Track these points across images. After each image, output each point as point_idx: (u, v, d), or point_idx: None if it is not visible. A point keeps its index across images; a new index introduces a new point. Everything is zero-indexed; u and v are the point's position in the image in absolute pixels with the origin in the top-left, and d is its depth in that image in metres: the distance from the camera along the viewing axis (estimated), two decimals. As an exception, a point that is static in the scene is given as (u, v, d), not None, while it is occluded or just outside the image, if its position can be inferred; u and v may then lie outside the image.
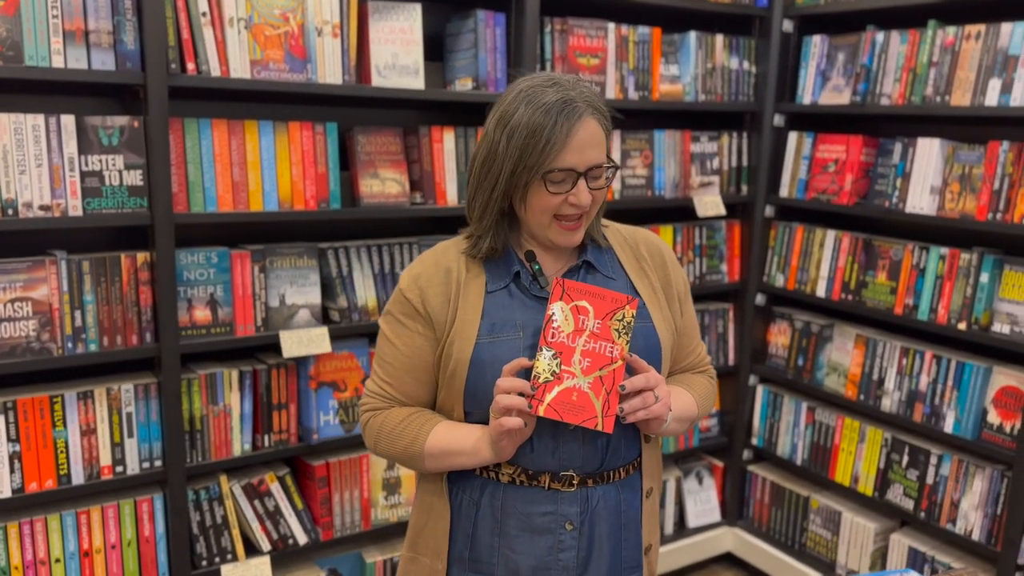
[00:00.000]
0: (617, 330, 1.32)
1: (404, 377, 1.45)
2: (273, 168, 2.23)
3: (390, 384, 1.46)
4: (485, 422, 1.39)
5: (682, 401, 1.48)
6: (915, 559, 2.69)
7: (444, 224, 2.61)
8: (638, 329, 1.41)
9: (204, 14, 2.05)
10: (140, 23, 1.97)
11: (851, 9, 2.77)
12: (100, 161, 2.00)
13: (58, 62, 1.92)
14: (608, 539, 1.43)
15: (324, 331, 2.31)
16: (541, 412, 1.29)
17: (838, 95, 2.86)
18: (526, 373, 1.32)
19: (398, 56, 2.34)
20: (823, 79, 2.91)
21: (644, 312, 1.45)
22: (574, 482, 1.39)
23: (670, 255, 1.56)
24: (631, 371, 1.35)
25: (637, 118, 3.00)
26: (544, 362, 1.30)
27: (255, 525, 2.33)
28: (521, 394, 1.29)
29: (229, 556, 2.29)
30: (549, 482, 1.39)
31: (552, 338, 1.31)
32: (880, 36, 2.72)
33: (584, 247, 1.47)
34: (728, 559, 3.31)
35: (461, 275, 1.43)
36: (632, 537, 1.47)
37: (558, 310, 1.32)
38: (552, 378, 1.30)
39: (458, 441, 1.39)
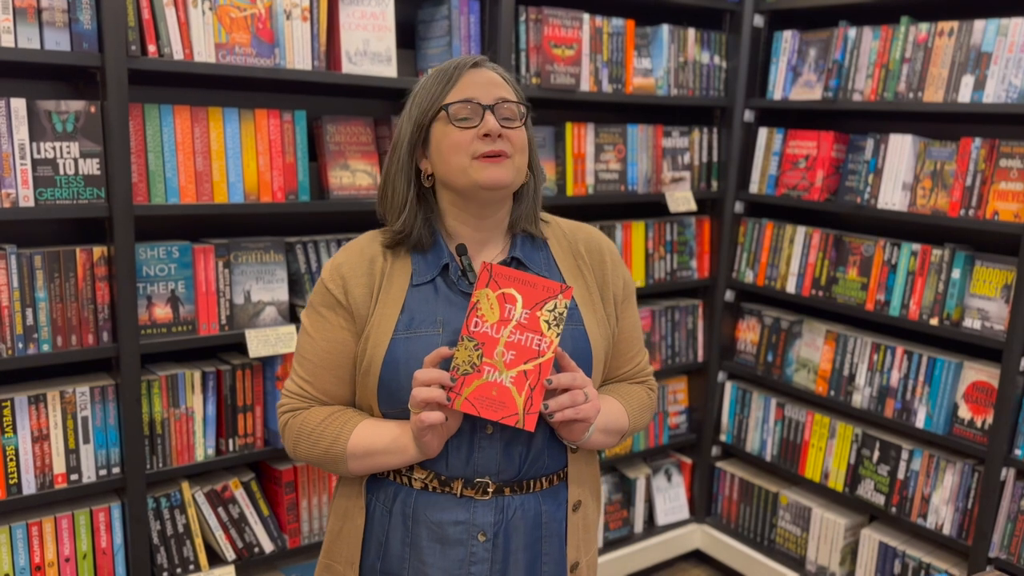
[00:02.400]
0: (547, 321, 1.23)
1: (324, 375, 1.36)
2: (239, 158, 2.12)
3: (309, 383, 1.37)
4: (405, 421, 1.30)
5: (611, 411, 1.38)
6: (885, 554, 2.70)
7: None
8: (566, 331, 1.32)
9: (166, -7, 1.94)
10: (97, 1, 1.85)
11: (823, 5, 2.76)
12: (53, 149, 1.87)
13: (7, 41, 1.78)
14: (525, 552, 1.34)
15: (292, 329, 2.20)
16: (457, 406, 1.21)
17: (809, 91, 2.85)
18: (447, 364, 1.24)
19: (369, 42, 2.25)
20: (794, 75, 2.91)
21: (575, 313, 1.36)
22: (489, 490, 1.31)
23: (612, 254, 1.47)
24: (559, 369, 1.27)
25: (610, 112, 2.96)
26: (464, 353, 1.22)
27: (219, 533, 2.22)
28: (442, 386, 1.21)
29: (192, 567, 2.17)
30: (462, 489, 1.31)
31: (475, 327, 1.23)
32: (852, 32, 2.71)
33: (514, 240, 1.39)
34: (697, 556, 3.30)
35: (386, 266, 1.35)
36: (554, 552, 1.37)
37: (483, 297, 1.23)
38: (472, 370, 1.22)
39: (381, 439, 1.30)
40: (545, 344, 1.23)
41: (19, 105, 1.82)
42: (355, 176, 2.31)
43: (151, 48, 1.94)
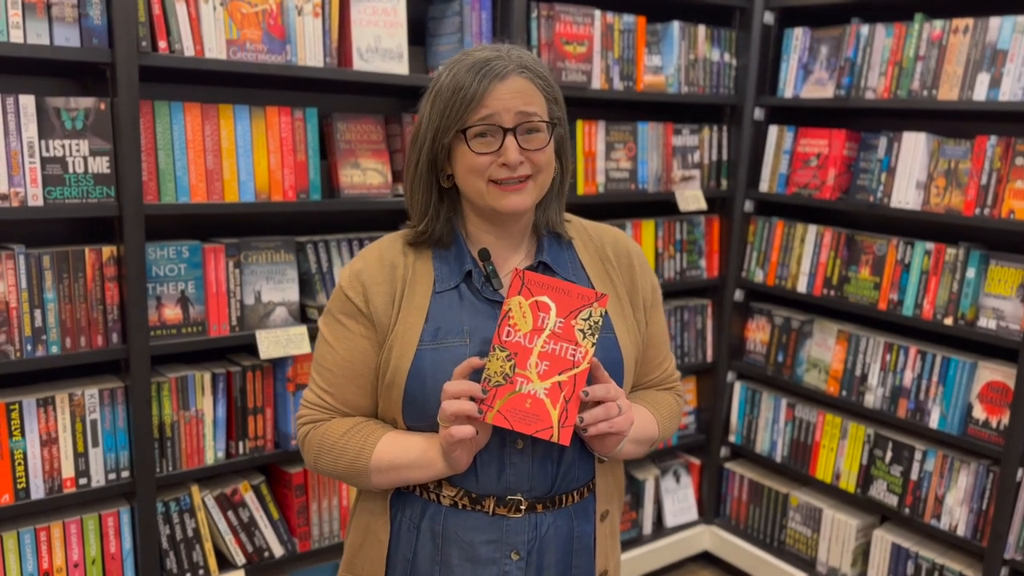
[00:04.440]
0: (582, 330, 1.18)
1: (345, 384, 1.31)
2: (249, 156, 2.08)
3: (329, 393, 1.32)
4: (431, 433, 1.26)
5: (642, 420, 1.34)
6: (898, 555, 2.68)
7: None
8: (598, 339, 1.25)
9: (177, -12, 1.90)
10: (108, -4, 1.81)
11: (834, 2, 2.74)
12: (63, 146, 1.83)
13: (17, 37, 1.74)
14: (557, 567, 1.30)
15: (303, 330, 2.17)
16: (490, 419, 1.16)
17: (821, 88, 2.83)
18: (478, 375, 1.19)
19: (381, 39, 2.21)
20: (805, 72, 2.88)
21: (606, 321, 1.31)
22: (521, 507, 1.26)
23: (640, 258, 1.43)
24: (592, 379, 1.22)
25: (621, 109, 2.93)
26: (496, 363, 1.17)
27: (229, 537, 2.19)
28: (472, 398, 1.16)
29: (201, 571, 2.14)
30: (494, 507, 1.26)
31: (507, 337, 1.17)
32: (865, 29, 2.69)
33: (540, 244, 1.34)
34: (706, 558, 3.27)
35: (408, 272, 1.30)
36: (584, 564, 1.34)
37: (515, 306, 1.18)
38: (504, 382, 1.17)
39: (408, 453, 1.25)
40: (580, 354, 1.18)
41: (28, 102, 1.78)
42: (366, 175, 2.27)
43: (161, 44, 1.90)
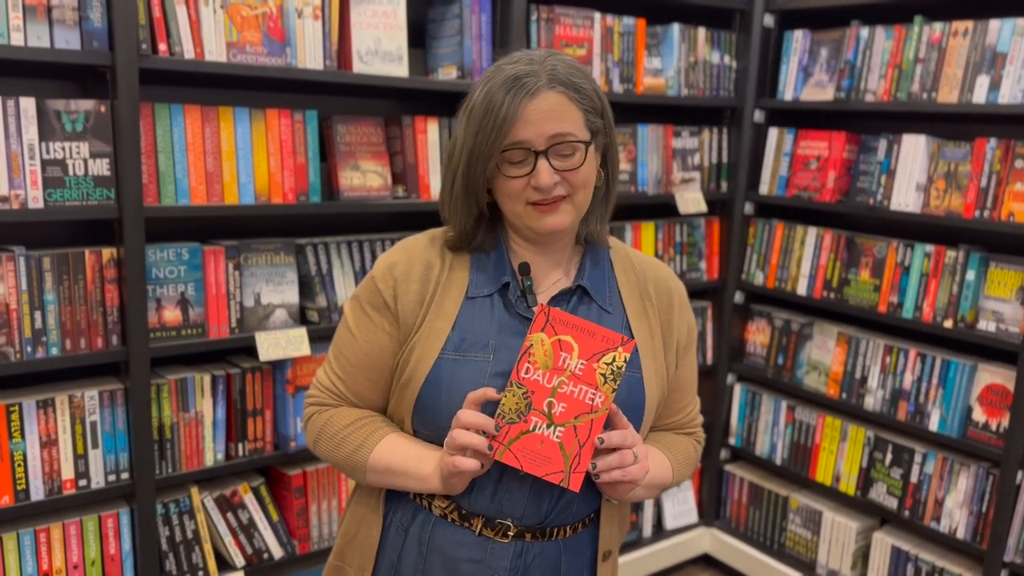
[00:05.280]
0: (603, 375, 1.14)
1: (358, 376, 1.30)
2: (249, 158, 2.09)
3: (342, 380, 1.31)
4: (433, 442, 1.25)
5: (656, 465, 1.30)
6: (898, 557, 2.68)
7: (428, 219, 2.45)
8: (624, 378, 1.22)
9: (177, -9, 1.91)
10: (108, -1, 1.82)
11: (834, 4, 2.74)
12: (63, 149, 1.83)
13: (17, 40, 1.75)
14: None
15: (302, 332, 2.17)
16: (500, 456, 1.14)
17: (821, 91, 2.83)
18: (492, 407, 1.16)
19: (381, 41, 2.22)
20: (805, 75, 2.88)
21: (635, 360, 1.27)
22: (509, 533, 1.23)
23: (680, 296, 1.38)
24: (608, 425, 1.18)
25: (620, 112, 2.93)
26: (512, 400, 1.13)
27: (228, 539, 2.19)
28: (483, 432, 1.14)
29: (200, 573, 2.14)
30: (482, 527, 1.24)
31: (526, 374, 1.14)
32: (865, 32, 2.69)
33: (583, 265, 1.31)
34: (705, 560, 3.27)
35: (443, 275, 1.28)
36: None
37: (537, 343, 1.15)
38: (518, 419, 1.13)
39: (406, 461, 1.24)
40: (599, 399, 1.14)
41: (28, 104, 1.78)
42: (365, 177, 2.28)
43: (162, 47, 1.91)
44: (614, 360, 1.15)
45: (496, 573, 1.24)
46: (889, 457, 2.69)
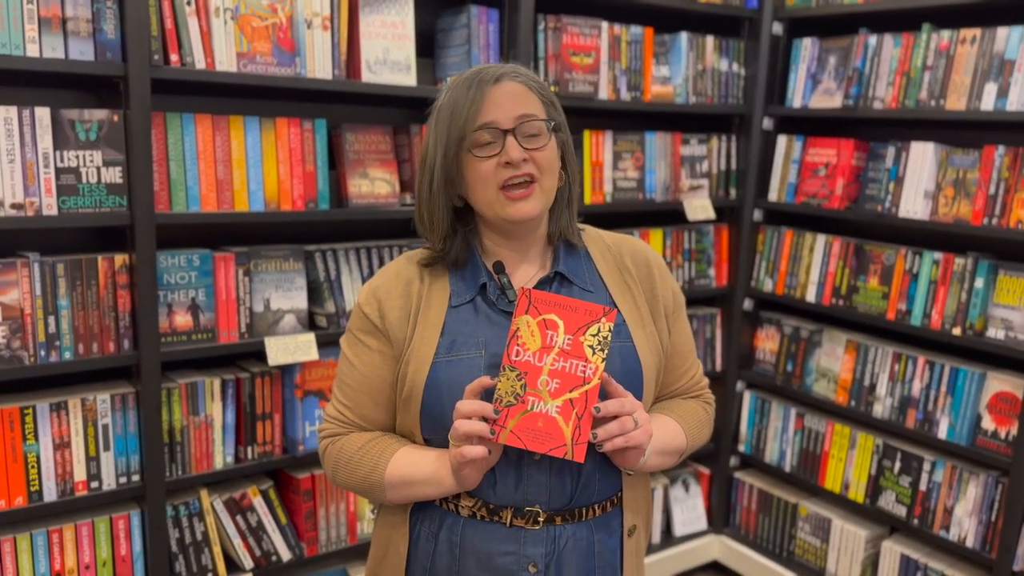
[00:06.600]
0: (591, 346, 1.18)
1: (363, 399, 1.33)
2: (259, 166, 2.12)
3: (348, 407, 1.35)
4: (444, 447, 1.27)
5: (666, 431, 1.33)
6: (907, 566, 2.67)
7: (434, 226, 2.52)
8: (615, 348, 1.27)
9: (189, 3, 1.94)
10: (121, 11, 1.86)
11: (842, 12, 2.75)
12: (77, 157, 1.88)
13: (33, 51, 1.79)
14: None
15: (311, 337, 2.20)
16: (502, 439, 1.17)
17: (829, 98, 2.83)
18: (489, 395, 1.19)
19: (389, 51, 2.25)
20: (814, 82, 2.89)
21: (624, 331, 1.31)
22: (540, 519, 1.26)
23: (659, 265, 1.42)
24: (606, 395, 1.22)
25: (628, 120, 2.95)
26: (507, 383, 1.18)
27: (237, 541, 2.22)
28: (484, 418, 1.17)
29: (210, 575, 2.17)
30: (511, 518, 1.26)
31: (516, 356, 1.18)
32: (873, 39, 2.70)
33: (556, 254, 1.35)
34: (715, 567, 3.27)
35: (424, 288, 1.32)
36: None
37: (523, 325, 1.19)
38: (515, 401, 1.17)
39: (419, 470, 1.27)
40: (590, 370, 1.18)
41: (43, 114, 1.83)
42: (374, 184, 2.31)
43: (173, 57, 1.95)
44: (599, 331, 1.19)
45: (533, 561, 1.27)
46: (898, 465, 2.68)
